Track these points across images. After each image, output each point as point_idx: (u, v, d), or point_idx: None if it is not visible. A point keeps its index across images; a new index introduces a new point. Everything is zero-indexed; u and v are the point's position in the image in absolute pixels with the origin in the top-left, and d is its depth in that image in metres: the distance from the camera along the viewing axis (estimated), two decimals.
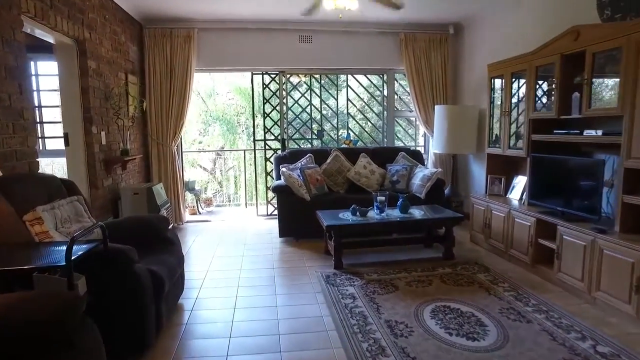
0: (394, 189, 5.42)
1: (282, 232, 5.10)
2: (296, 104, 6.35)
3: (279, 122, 6.16)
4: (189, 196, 6.98)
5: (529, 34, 4.52)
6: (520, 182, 4.57)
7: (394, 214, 4.40)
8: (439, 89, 6.09)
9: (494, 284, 3.61)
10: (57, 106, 4.65)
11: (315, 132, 6.33)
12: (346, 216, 4.33)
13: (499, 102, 4.72)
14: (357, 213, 4.32)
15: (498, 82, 4.75)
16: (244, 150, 7.94)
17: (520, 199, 4.42)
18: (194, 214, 6.80)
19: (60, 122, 4.32)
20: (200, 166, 12.64)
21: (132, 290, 2.45)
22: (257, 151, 6.42)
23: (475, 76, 5.72)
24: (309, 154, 5.63)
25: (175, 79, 5.59)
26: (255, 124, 12.85)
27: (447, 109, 5.59)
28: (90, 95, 4.09)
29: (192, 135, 12.43)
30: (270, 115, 6.20)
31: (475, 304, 3.21)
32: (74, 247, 2.19)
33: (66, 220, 2.87)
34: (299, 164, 5.53)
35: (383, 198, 4.35)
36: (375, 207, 4.39)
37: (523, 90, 4.33)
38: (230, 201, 8.81)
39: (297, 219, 5.03)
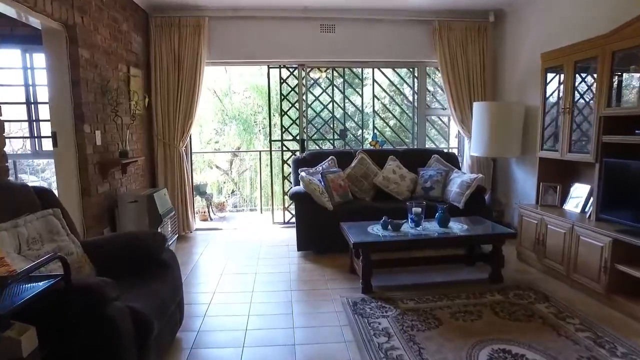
0: (427, 197, 4.74)
1: (301, 245, 4.47)
2: (317, 101, 5.72)
3: (297, 120, 5.53)
4: (200, 201, 6.41)
5: (596, 17, 3.77)
6: (579, 191, 3.84)
7: (432, 227, 3.73)
8: (477, 84, 5.38)
9: (560, 319, 2.91)
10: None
11: (338, 132, 5.69)
12: (376, 230, 3.68)
13: (556, 98, 4.00)
14: (389, 227, 3.67)
15: (552, 75, 4.04)
16: (260, 151, 7.31)
17: (582, 211, 3.69)
18: (205, 219, 6.23)
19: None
20: (217, 166, 12.17)
21: (107, 338, 1.85)
22: (273, 152, 5.80)
23: (521, 68, 4.99)
24: (331, 157, 4.99)
25: (183, 73, 5.01)
26: (272, 123, 12.23)
27: (488, 107, 4.88)
28: (82, 88, 3.53)
29: (208, 135, 11.93)
30: (287, 113, 5.58)
31: (543, 349, 2.52)
32: (24, 287, 1.61)
33: (35, 241, 2.29)
34: (320, 168, 4.89)
35: (420, 210, 3.68)
36: (409, 220, 3.73)
37: (587, 82, 3.61)
38: (245, 205, 8.22)
39: (317, 230, 4.40)
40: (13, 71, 4.81)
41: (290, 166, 5.47)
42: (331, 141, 5.75)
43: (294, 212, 5.43)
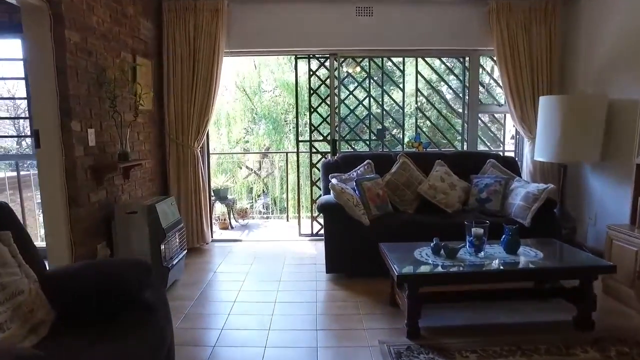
0: (483, 210, 3.90)
1: (331, 267, 3.72)
2: (350, 96, 4.95)
3: (328, 118, 4.78)
4: (220, 207, 5.77)
5: None
6: None
7: (497, 254, 2.90)
8: (542, 74, 4.46)
9: None
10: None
11: (375, 131, 4.90)
12: (425, 256, 2.88)
13: None
14: (442, 252, 2.87)
15: None
16: (287, 153, 6.60)
17: None
18: (225, 227, 5.57)
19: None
20: (246, 166, 11.63)
21: None
22: (300, 154, 5.06)
23: (603, 54, 4.05)
24: (367, 161, 4.21)
25: (199, 64, 4.35)
26: (301, 122, 11.60)
27: (559, 101, 3.96)
28: (71, 78, 2.91)
29: (237, 134, 11.38)
30: (317, 110, 4.84)
31: None
32: None
33: None
34: (354, 174, 4.13)
35: (481, 231, 2.86)
36: (468, 244, 2.91)
37: None
38: (272, 211, 7.54)
39: (350, 249, 3.64)
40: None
41: (319, 170, 4.74)
42: (367, 142, 4.96)
43: (322, 224, 4.71)
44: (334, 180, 3.93)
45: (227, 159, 10.82)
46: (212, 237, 4.93)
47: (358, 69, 5.55)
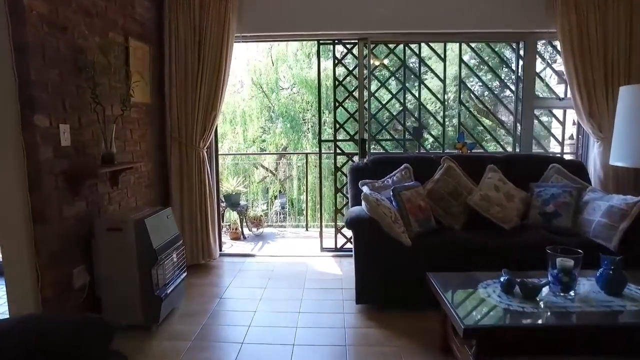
0: (549, 227, 3.12)
1: (362, 296, 2.99)
2: (382, 87, 4.20)
3: (356, 114, 4.04)
4: (231, 214, 5.09)
5: None
6: None
7: (593, 294, 2.13)
8: (618, 61, 3.64)
9: None
10: None
11: (410, 130, 4.14)
12: (494, 295, 2.14)
13: None
14: (517, 289, 2.11)
15: None
16: (306, 154, 5.86)
17: None
18: (237, 238, 4.88)
19: None
20: (262, 166, 10.99)
21: None
22: (323, 156, 4.32)
23: None
24: (405, 165, 3.46)
25: (206, 50, 3.65)
26: (323, 120, 10.80)
27: None
28: (34, 59, 2.25)
29: (253, 133, 10.74)
30: (343, 105, 4.11)
31: None
32: None
33: None
34: (390, 181, 3.39)
35: (572, 264, 2.09)
36: (552, 280, 2.14)
37: None
38: (287, 217, 6.83)
39: (386, 275, 2.91)
40: None
41: (346, 176, 4.01)
42: (401, 143, 4.19)
43: (349, 236, 3.99)
44: (365, 189, 3.20)
45: (243, 159, 10.20)
46: (220, 250, 4.24)
47: (386, 61, 4.81)
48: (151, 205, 3.48)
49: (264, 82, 10.78)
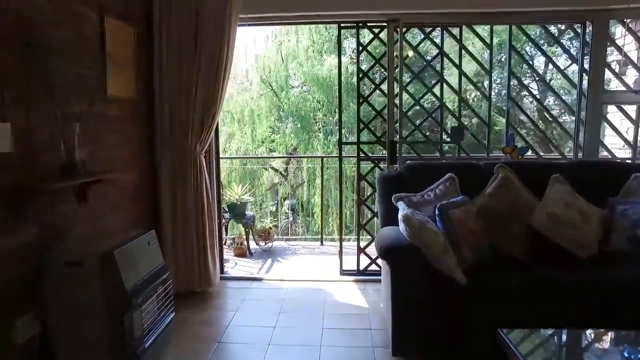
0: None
1: (400, 347, 2.28)
2: (416, 79, 3.47)
3: (384, 111, 3.32)
4: (236, 227, 4.40)
5: None
6: None
7: None
8: None
9: None
10: None
11: (448, 130, 3.41)
12: None
13: None
14: None
15: None
16: (322, 157, 5.10)
17: None
18: (242, 254, 4.19)
19: None
20: (272, 167, 10.33)
21: None
22: (343, 162, 3.59)
23: None
24: (449, 175, 2.72)
25: (204, 34, 2.96)
26: (334, 120, 10.05)
27: None
28: None
29: (262, 133, 10.09)
30: (369, 100, 3.39)
31: None
32: None
33: None
34: (431, 194, 2.66)
35: None
36: None
37: None
38: (298, 223, 6.10)
39: (433, 320, 2.20)
40: None
41: (371, 186, 3.32)
42: (437, 146, 3.45)
43: (375, 256, 3.30)
44: (401, 206, 2.48)
45: (252, 160, 9.59)
46: (222, 271, 3.55)
47: (410, 52, 4.09)
48: (137, 224, 2.80)
49: (273, 80, 10.14)
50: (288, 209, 9.39)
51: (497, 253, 2.52)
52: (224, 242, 4.33)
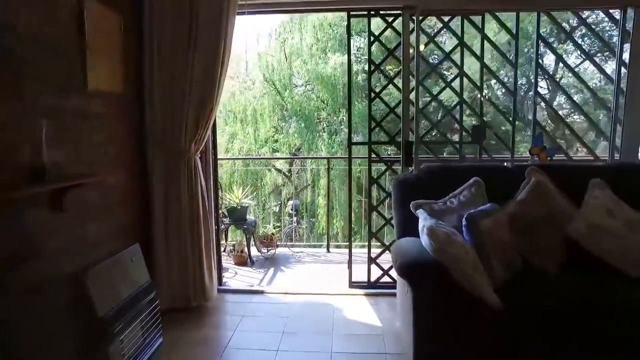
0: None
1: None
2: (430, 74, 3.15)
3: (399, 108, 3.01)
4: (236, 233, 4.10)
5: None
6: None
7: None
8: None
9: None
10: None
11: (469, 129, 3.08)
12: None
13: None
14: None
15: None
16: (327, 159, 4.75)
17: None
18: (243, 262, 3.88)
19: None
20: (275, 167, 10.04)
21: None
22: (353, 163, 3.27)
23: None
24: (474, 179, 2.39)
25: (199, 24, 2.64)
26: (338, 119, 9.80)
27: None
28: None
29: (266, 133, 9.82)
30: (381, 95, 3.06)
31: None
32: None
33: None
34: (455, 201, 2.35)
35: None
36: None
37: None
38: (303, 233, 5.78)
39: (460, 345, 1.88)
40: None
41: (383, 189, 3.01)
42: (456, 147, 3.11)
43: (387, 267, 3.00)
44: (422, 215, 2.15)
45: (254, 161, 9.30)
46: (220, 283, 3.24)
47: (422, 47, 3.75)
48: (124, 233, 2.49)
49: (276, 79, 9.84)
50: (292, 209, 9.11)
51: (528, 266, 2.20)
52: (223, 248, 4.04)
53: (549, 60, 9.83)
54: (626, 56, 2.87)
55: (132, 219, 2.66)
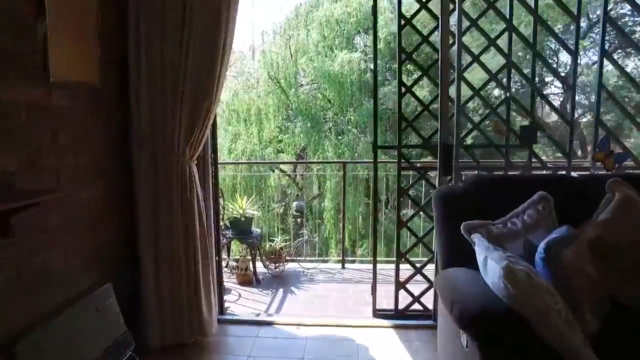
0: None
1: None
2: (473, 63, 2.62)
3: (435, 104, 2.48)
4: (239, 248, 3.60)
5: None
6: None
7: None
8: None
9: None
10: None
11: (517, 129, 2.55)
12: None
13: None
14: None
15: None
16: (343, 163, 4.17)
17: None
18: (247, 282, 3.38)
19: None
20: (279, 169, 9.58)
21: None
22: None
23: None
24: (540, 193, 1.85)
25: (195, 3, 2.12)
26: (347, 119, 9.45)
27: None
28: None
29: (270, 133, 9.36)
30: (413, 89, 2.53)
31: None
32: None
33: None
34: (518, 222, 1.81)
35: None
36: None
37: None
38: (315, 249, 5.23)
39: None
40: None
41: (413, 201, 2.50)
42: (502, 150, 2.58)
43: (418, 293, 2.49)
44: (480, 243, 1.63)
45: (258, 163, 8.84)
46: (221, 311, 2.72)
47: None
48: (100, 258, 1.99)
49: (281, 77, 9.38)
50: (296, 211, 8.64)
51: (616, 306, 1.68)
52: (225, 264, 3.53)
53: (565, 57, 9.30)
54: None
55: (110, 241, 2.15)
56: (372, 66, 10.39)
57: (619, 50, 8.33)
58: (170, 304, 2.29)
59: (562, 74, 7.96)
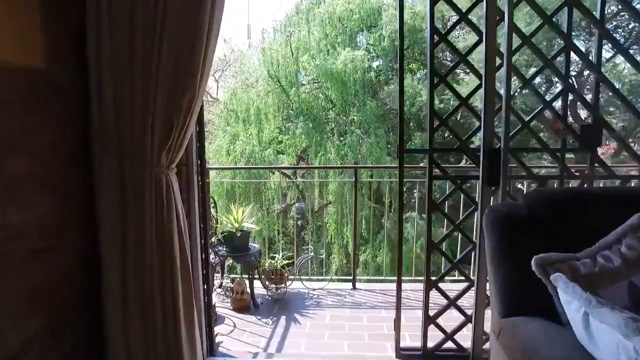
0: None
1: None
2: (520, 47, 2.10)
3: (472, 98, 1.97)
4: (234, 267, 3.07)
5: None
6: None
7: None
8: None
9: None
10: None
11: (577, 128, 2.04)
12: None
13: None
14: None
15: None
16: (354, 168, 3.56)
17: None
18: (244, 307, 2.85)
19: None
20: (280, 171, 9.15)
21: None
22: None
23: None
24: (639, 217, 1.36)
25: None
26: (349, 119, 9.03)
27: None
28: None
29: (270, 134, 8.92)
30: (448, 80, 2.01)
31: None
32: None
33: None
34: (614, 257, 1.28)
35: None
36: None
37: None
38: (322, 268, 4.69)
39: None
40: None
41: (450, 219, 1.98)
42: (557, 154, 2.06)
43: (451, 330, 1.95)
44: (566, 285, 1.12)
45: (258, 163, 8.45)
46: (212, 349, 2.21)
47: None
48: (43, 301, 1.47)
49: (282, 76, 8.95)
50: (296, 213, 8.29)
51: None
52: (219, 284, 3.02)
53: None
54: None
55: (60, 275, 1.62)
56: (375, 65, 10.00)
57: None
58: (143, 347, 1.77)
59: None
